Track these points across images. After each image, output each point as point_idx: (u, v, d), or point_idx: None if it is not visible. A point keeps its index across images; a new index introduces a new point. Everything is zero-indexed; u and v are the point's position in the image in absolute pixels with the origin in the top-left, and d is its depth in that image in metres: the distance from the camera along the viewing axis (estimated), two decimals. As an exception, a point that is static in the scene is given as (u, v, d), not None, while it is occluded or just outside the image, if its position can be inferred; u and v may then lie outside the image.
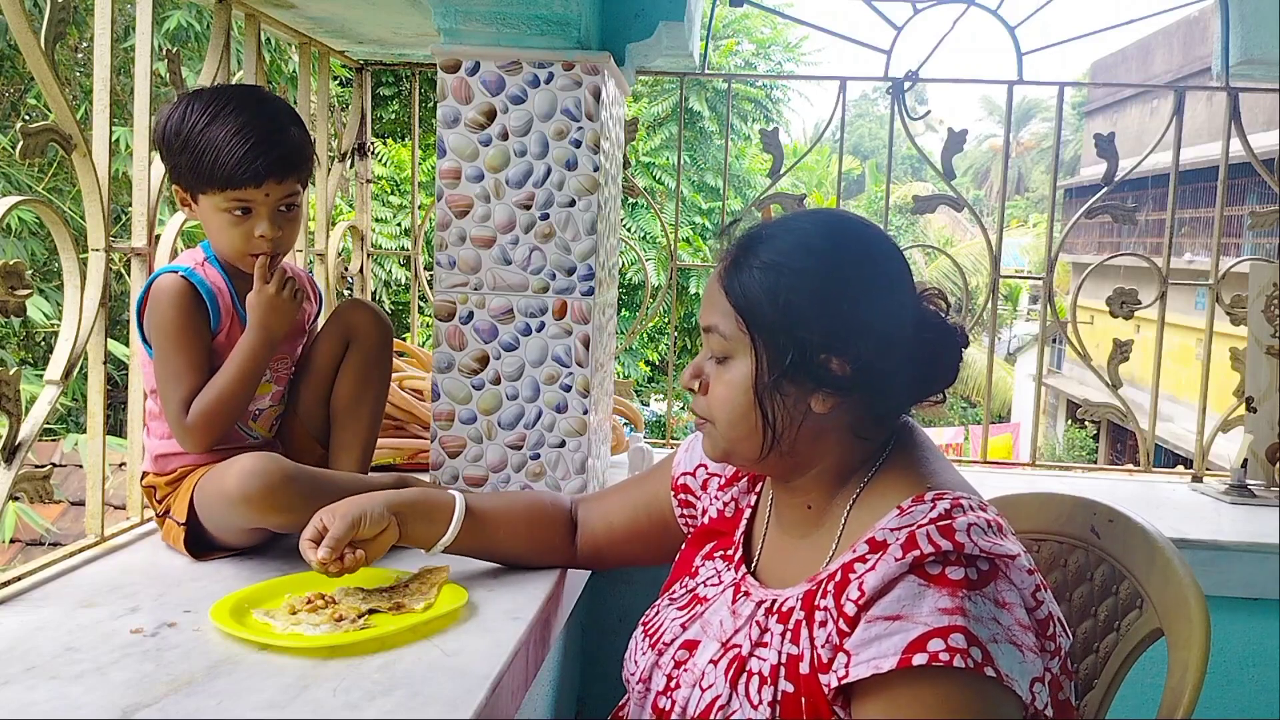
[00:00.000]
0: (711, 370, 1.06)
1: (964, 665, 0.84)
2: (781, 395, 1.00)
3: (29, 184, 5.66)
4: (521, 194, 1.69)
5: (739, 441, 1.05)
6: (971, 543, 0.89)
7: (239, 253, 1.44)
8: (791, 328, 0.98)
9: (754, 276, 1.01)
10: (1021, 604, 0.90)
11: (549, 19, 1.66)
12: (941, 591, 0.87)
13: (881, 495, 1.01)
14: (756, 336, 1.00)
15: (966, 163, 31.71)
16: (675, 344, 9.60)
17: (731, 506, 1.22)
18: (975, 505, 0.95)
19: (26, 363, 6.16)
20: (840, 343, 0.98)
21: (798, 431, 1.01)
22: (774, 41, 10.84)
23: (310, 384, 1.56)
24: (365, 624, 1.16)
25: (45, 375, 1.39)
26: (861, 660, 0.88)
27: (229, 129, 1.37)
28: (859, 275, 1.01)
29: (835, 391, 1.00)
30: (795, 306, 0.98)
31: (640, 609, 1.23)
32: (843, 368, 0.99)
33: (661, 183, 9.72)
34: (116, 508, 1.78)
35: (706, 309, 1.06)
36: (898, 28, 2.23)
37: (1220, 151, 2.29)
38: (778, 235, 1.03)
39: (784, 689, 0.95)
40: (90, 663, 1.08)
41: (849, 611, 0.90)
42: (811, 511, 1.07)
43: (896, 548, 0.91)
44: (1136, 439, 2.37)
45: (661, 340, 9.92)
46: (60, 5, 1.32)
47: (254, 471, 1.30)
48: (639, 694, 1.10)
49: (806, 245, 1.01)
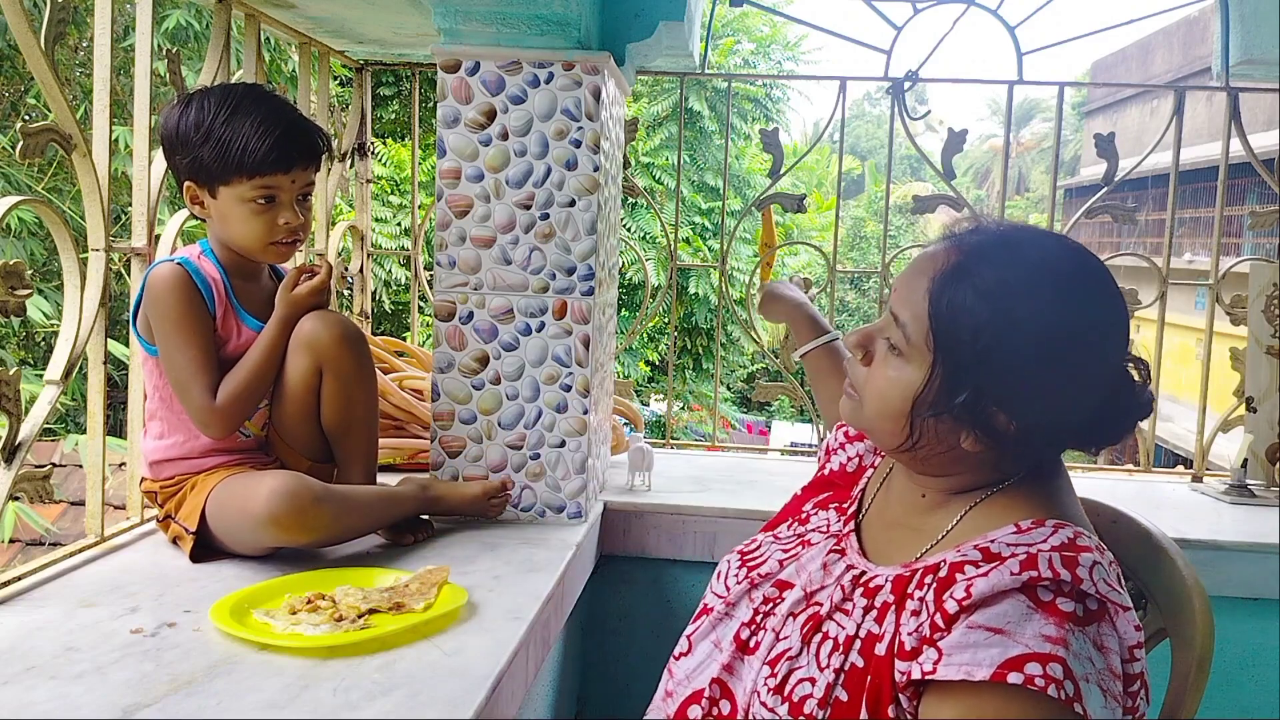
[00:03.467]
0: (881, 350, 1.02)
1: (1057, 695, 0.83)
2: (936, 419, 0.97)
3: (29, 184, 5.65)
4: (521, 194, 1.69)
5: (878, 431, 1.03)
6: (1090, 580, 0.88)
7: (262, 242, 1.45)
8: (977, 371, 0.93)
9: (965, 299, 0.93)
10: (1119, 653, 0.89)
11: (549, 19, 1.66)
12: (1049, 619, 0.86)
13: (1003, 508, 0.99)
14: (939, 359, 0.95)
15: (967, 163, 31.70)
16: (675, 344, 9.59)
17: (855, 462, 1.24)
18: (1096, 545, 0.93)
19: (26, 363, 6.16)
20: (1016, 405, 0.94)
21: (939, 452, 0.99)
22: (773, 40, 10.83)
23: (286, 405, 1.52)
24: (365, 624, 1.16)
25: (45, 375, 1.39)
26: (954, 662, 0.87)
27: (255, 118, 1.40)
28: (1069, 348, 0.93)
29: (989, 439, 0.96)
30: (992, 354, 0.92)
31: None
32: (1008, 426, 0.95)
33: (661, 183, 9.71)
34: (116, 508, 1.78)
35: (903, 296, 0.99)
36: (898, 28, 2.23)
37: (1220, 151, 2.29)
38: (1009, 262, 0.95)
39: (854, 661, 0.94)
40: (90, 663, 1.08)
41: (950, 609, 0.89)
42: (925, 500, 1.06)
43: (1014, 562, 0.89)
44: (1136, 439, 2.37)
45: (661, 340, 9.91)
46: (60, 5, 1.32)
47: (284, 492, 1.30)
48: (719, 614, 1.09)
49: (1033, 290, 0.93)
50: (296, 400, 1.51)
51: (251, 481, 1.36)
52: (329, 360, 1.49)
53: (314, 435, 1.55)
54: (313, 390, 1.51)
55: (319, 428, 1.55)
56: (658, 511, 1.92)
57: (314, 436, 1.56)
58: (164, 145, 1.47)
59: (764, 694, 0.97)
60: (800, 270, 9.94)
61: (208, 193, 1.43)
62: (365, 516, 1.45)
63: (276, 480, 1.33)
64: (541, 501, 1.73)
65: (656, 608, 1.97)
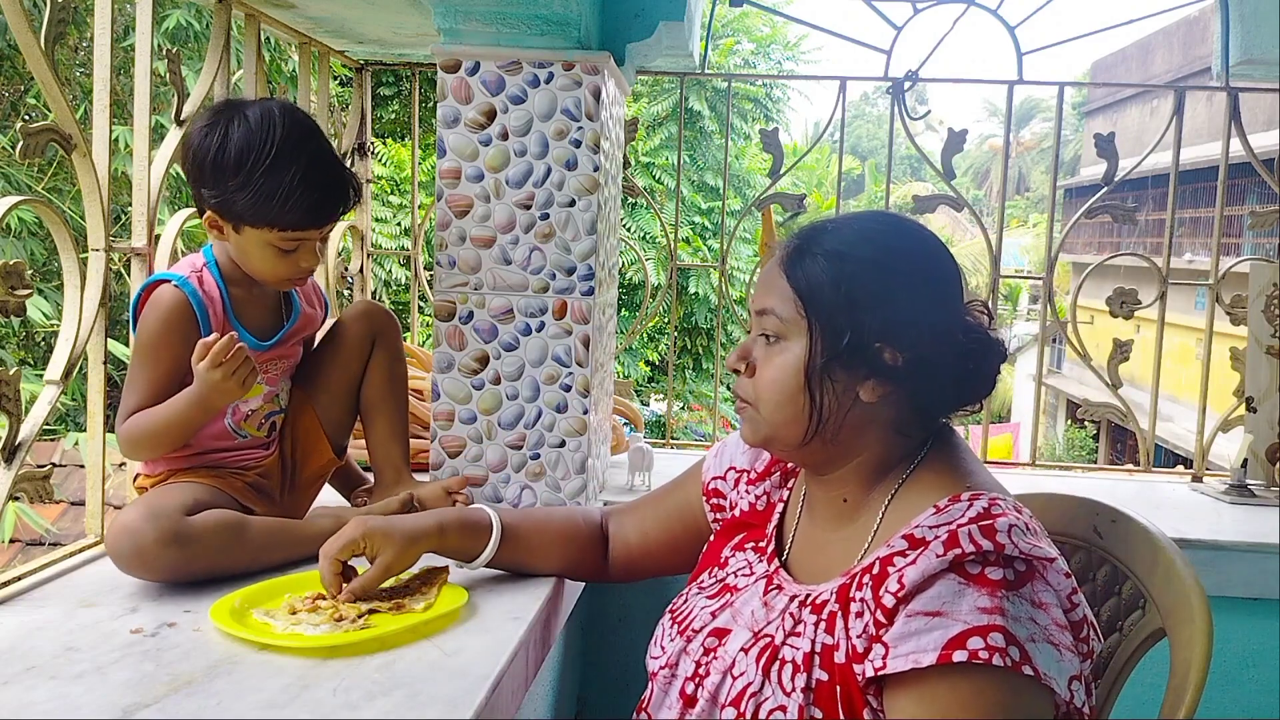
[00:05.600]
0: (760, 353, 1.07)
1: (1002, 664, 0.85)
2: (832, 380, 1.02)
3: (29, 184, 5.65)
4: (521, 194, 1.69)
5: (782, 426, 1.05)
6: (1012, 544, 0.91)
7: (280, 281, 1.46)
8: (850, 312, 1.01)
9: (818, 263, 1.03)
10: (1058, 604, 0.92)
11: (549, 19, 1.66)
12: (981, 591, 0.89)
13: (919, 493, 1.02)
14: (814, 320, 1.02)
15: (966, 163, 31.71)
16: (675, 344, 9.59)
17: (764, 500, 1.23)
18: (1011, 506, 0.96)
19: (26, 363, 6.16)
20: (895, 333, 1.00)
21: (843, 420, 1.03)
22: (773, 40, 10.83)
23: (334, 386, 1.59)
24: (365, 624, 1.16)
25: (45, 375, 1.39)
26: (900, 654, 0.88)
27: (296, 173, 1.35)
28: (918, 271, 1.04)
29: (885, 380, 1.01)
30: (856, 293, 1.01)
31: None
32: (895, 358, 1.01)
33: (661, 183, 9.71)
34: (116, 508, 1.78)
35: (762, 293, 1.08)
36: (898, 28, 2.23)
37: (1220, 151, 2.29)
38: (842, 228, 1.07)
39: (818, 677, 0.95)
40: (90, 663, 1.08)
41: (887, 604, 0.91)
42: (847, 505, 1.08)
43: (938, 544, 0.91)
44: (1136, 439, 2.37)
45: (661, 340, 9.91)
46: (60, 5, 1.32)
47: (127, 529, 1.26)
48: (664, 680, 1.09)
49: (869, 238, 1.05)
50: (348, 368, 1.59)
51: (158, 496, 1.33)
52: (382, 331, 1.61)
53: (348, 417, 1.62)
54: (363, 360, 1.60)
55: (352, 412, 1.62)
56: (658, 511, 1.91)
57: (347, 418, 1.62)
58: (189, 171, 1.40)
59: None
60: (800, 270, 9.90)
61: (231, 227, 1.39)
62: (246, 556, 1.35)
63: (130, 513, 1.27)
64: (541, 501, 1.73)
65: (656, 608, 1.95)
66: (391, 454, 1.63)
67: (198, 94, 1.71)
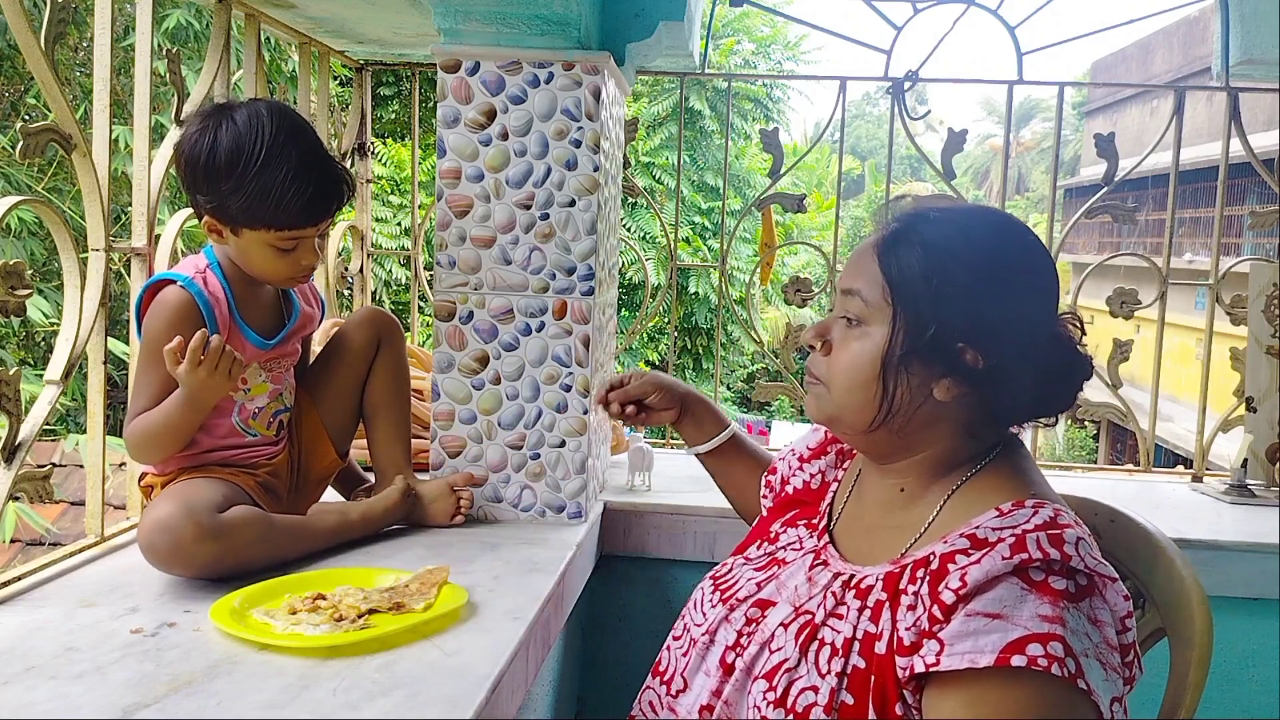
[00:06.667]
0: (839, 334, 1.06)
1: (1060, 674, 0.84)
2: (908, 372, 1.01)
3: (29, 184, 5.66)
4: (521, 194, 1.69)
5: (851, 410, 1.05)
6: (1078, 556, 0.90)
7: (280, 278, 1.46)
8: (938, 308, 0.99)
9: (913, 252, 1.01)
10: (1112, 624, 0.91)
11: (549, 19, 1.66)
12: (1043, 599, 0.88)
13: (980, 494, 1.01)
14: (900, 309, 1.01)
15: (966, 163, 31.70)
16: (675, 344, 9.59)
17: (818, 479, 1.25)
18: (1074, 520, 0.95)
19: (26, 363, 6.16)
20: (980, 336, 0.99)
21: (912, 414, 1.02)
22: (774, 40, 10.85)
23: (339, 390, 1.62)
24: (365, 624, 1.16)
25: (45, 375, 1.39)
26: (957, 651, 0.88)
27: (287, 171, 1.34)
28: (1014, 277, 1.01)
29: (962, 381, 1.00)
30: (947, 289, 0.99)
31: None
32: (976, 361, 0.99)
33: (661, 182, 9.72)
34: (116, 508, 1.78)
35: (851, 273, 1.06)
36: (898, 28, 2.23)
37: (1220, 151, 2.29)
38: (944, 220, 1.04)
39: (855, 664, 0.95)
40: (90, 663, 1.08)
41: (946, 600, 0.90)
42: (904, 494, 1.07)
43: (1004, 547, 0.91)
44: (1136, 439, 2.37)
45: (661, 340, 9.92)
46: (60, 5, 1.32)
47: (164, 526, 1.26)
48: (702, 645, 1.09)
49: (970, 236, 1.02)
50: (353, 372, 1.62)
51: (188, 490, 1.34)
52: (387, 334, 1.64)
53: (351, 420, 1.65)
54: (367, 365, 1.63)
55: (355, 415, 1.64)
56: (658, 511, 1.92)
57: (351, 421, 1.64)
58: (183, 176, 1.40)
59: (765, 709, 0.97)
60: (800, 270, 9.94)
61: (230, 230, 1.40)
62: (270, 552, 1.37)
63: (164, 508, 1.28)
64: (541, 501, 1.73)
65: (656, 608, 1.97)
66: (394, 455, 1.64)
67: (198, 94, 1.71)
